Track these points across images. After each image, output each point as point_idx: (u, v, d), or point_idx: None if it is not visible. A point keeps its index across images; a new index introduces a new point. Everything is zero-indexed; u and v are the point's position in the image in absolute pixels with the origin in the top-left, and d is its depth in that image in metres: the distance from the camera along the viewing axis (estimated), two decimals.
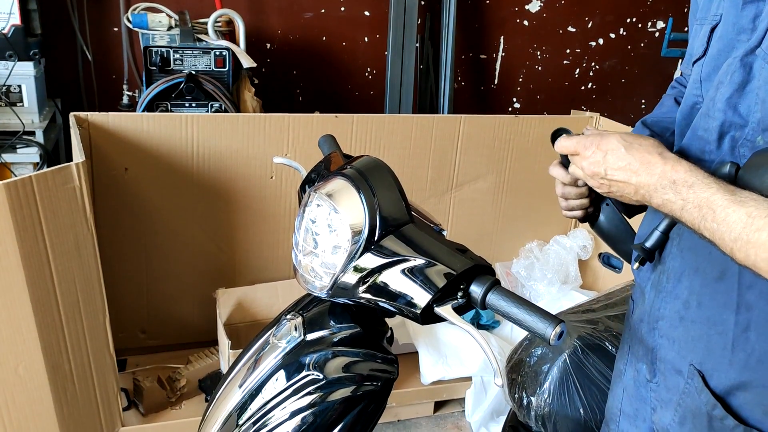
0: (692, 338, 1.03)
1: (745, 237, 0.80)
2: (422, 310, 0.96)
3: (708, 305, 0.99)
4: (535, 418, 1.42)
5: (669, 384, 1.08)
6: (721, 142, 0.97)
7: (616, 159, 0.95)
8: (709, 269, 0.99)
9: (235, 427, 1.13)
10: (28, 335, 1.71)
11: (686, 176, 0.88)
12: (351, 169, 1.05)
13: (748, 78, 0.92)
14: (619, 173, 0.95)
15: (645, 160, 0.93)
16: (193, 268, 2.45)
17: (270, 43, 3.33)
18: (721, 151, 0.98)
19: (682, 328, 1.05)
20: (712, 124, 0.98)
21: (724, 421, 0.96)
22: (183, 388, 2.23)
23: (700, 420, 1.00)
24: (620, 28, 3.90)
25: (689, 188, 0.87)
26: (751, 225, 0.79)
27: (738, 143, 0.94)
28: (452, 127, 2.62)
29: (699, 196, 0.86)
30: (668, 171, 0.90)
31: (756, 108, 0.91)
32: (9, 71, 2.55)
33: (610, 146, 0.97)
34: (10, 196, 1.58)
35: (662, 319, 1.10)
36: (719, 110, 0.96)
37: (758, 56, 0.91)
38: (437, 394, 2.44)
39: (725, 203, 0.83)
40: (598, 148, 0.98)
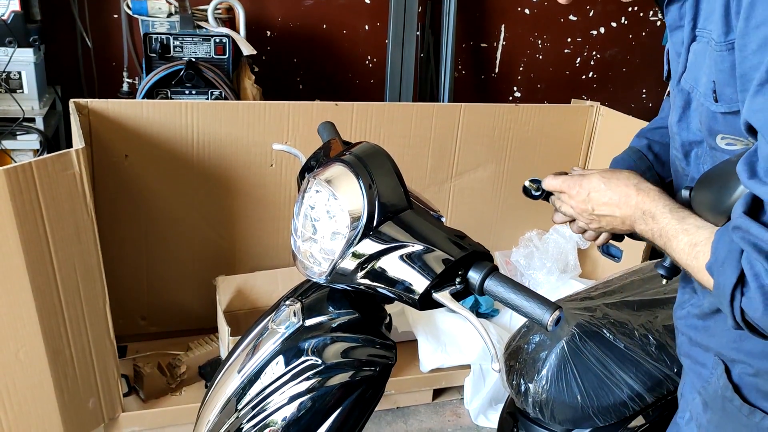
0: (712, 334, 1.07)
1: (689, 264, 0.88)
2: (420, 295, 0.97)
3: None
4: (533, 405, 1.43)
5: (694, 377, 1.12)
6: (687, 159, 1.05)
7: (599, 196, 1.04)
8: None
9: (233, 412, 1.14)
10: (29, 320, 1.72)
11: (650, 207, 0.97)
12: (350, 155, 1.05)
13: (689, 100, 0.99)
14: (604, 208, 1.04)
15: (623, 194, 1.01)
16: (193, 255, 2.46)
17: (270, 31, 3.32)
18: (690, 166, 1.05)
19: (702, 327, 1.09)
20: (677, 143, 1.06)
21: (733, 401, 1.02)
22: (183, 375, 2.24)
23: (717, 403, 1.05)
24: (622, 17, 3.89)
25: (653, 219, 0.96)
26: (692, 252, 0.88)
27: (701, 159, 1.01)
28: (452, 115, 2.62)
29: (659, 226, 0.95)
30: (640, 202, 0.99)
31: (701, 127, 0.97)
32: (9, 58, 2.54)
33: (592, 186, 1.05)
34: (10, 182, 1.58)
35: (682, 318, 1.15)
36: (675, 132, 1.04)
37: (684, 82, 0.98)
38: (436, 382, 2.45)
39: (675, 232, 0.92)
40: (581, 187, 1.07)
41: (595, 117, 2.87)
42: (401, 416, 2.42)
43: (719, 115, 0.90)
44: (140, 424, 2.14)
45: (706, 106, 0.92)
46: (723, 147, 0.93)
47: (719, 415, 1.05)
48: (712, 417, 1.07)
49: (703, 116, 0.94)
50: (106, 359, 1.96)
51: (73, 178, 1.73)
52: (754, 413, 0.99)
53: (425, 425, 2.39)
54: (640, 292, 1.58)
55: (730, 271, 0.80)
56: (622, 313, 1.49)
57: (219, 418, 1.16)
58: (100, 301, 1.89)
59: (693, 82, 0.95)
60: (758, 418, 0.99)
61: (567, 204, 1.12)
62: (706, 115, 0.93)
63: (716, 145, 0.93)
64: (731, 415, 1.02)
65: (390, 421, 2.38)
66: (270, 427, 1.10)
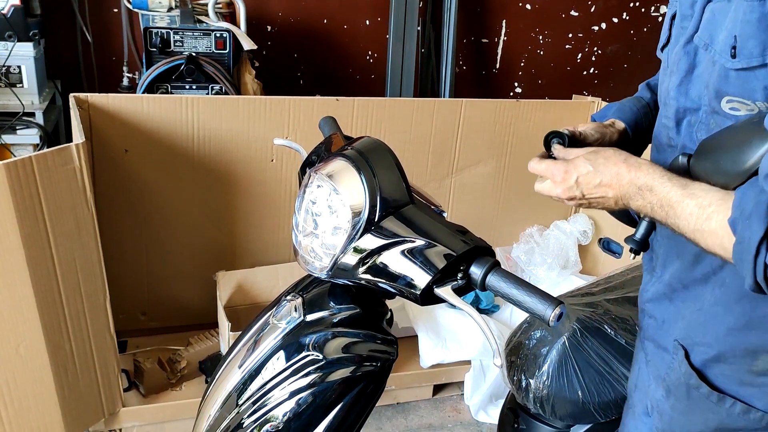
0: (677, 318, 1.08)
1: (699, 227, 0.85)
2: (422, 291, 0.97)
3: (692, 287, 1.05)
4: (534, 400, 1.43)
5: (657, 362, 1.13)
6: (679, 127, 1.03)
7: (589, 179, 1.00)
8: (686, 254, 1.04)
9: (234, 407, 1.14)
10: (29, 315, 1.72)
11: (646, 180, 0.93)
12: (352, 150, 1.05)
13: (694, 64, 0.98)
14: (595, 191, 1.00)
15: (614, 172, 0.97)
16: (194, 251, 2.45)
17: (271, 26, 3.31)
18: (680, 136, 1.03)
19: (672, 309, 1.10)
20: (669, 112, 1.04)
21: (700, 389, 1.02)
22: (183, 370, 2.24)
23: (680, 390, 1.05)
24: (623, 13, 3.88)
25: (650, 192, 0.92)
26: (702, 215, 0.85)
27: (694, 127, 0.99)
28: (453, 111, 2.61)
29: (659, 196, 0.91)
30: (634, 179, 0.95)
31: (704, 91, 0.95)
32: (9, 52, 2.53)
33: (578, 170, 1.01)
34: (10, 176, 1.58)
35: (649, 301, 1.15)
36: (672, 98, 1.02)
37: (695, 43, 0.96)
38: (436, 378, 2.45)
39: (679, 198, 0.88)
40: (566, 173, 1.02)
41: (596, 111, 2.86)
42: (401, 412, 2.42)
43: (733, 74, 0.89)
44: (140, 419, 2.14)
45: (720, 63, 0.91)
46: (726, 111, 0.92)
47: (684, 402, 1.05)
48: (676, 404, 1.07)
49: (712, 77, 0.93)
50: (106, 354, 1.96)
51: (74, 172, 1.72)
52: (724, 399, 0.99)
53: (425, 421, 2.39)
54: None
55: (757, 225, 0.78)
56: (623, 309, 1.49)
57: (220, 413, 1.16)
58: (100, 296, 1.89)
59: (708, 40, 0.93)
60: (728, 404, 0.99)
61: (553, 190, 1.06)
62: (717, 75, 0.92)
63: (720, 109, 0.93)
64: (698, 402, 1.03)
65: (390, 417, 2.38)
66: (271, 422, 1.10)
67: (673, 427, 1.09)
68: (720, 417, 1.00)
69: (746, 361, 0.97)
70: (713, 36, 0.92)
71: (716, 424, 1.01)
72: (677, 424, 1.08)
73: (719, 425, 1.01)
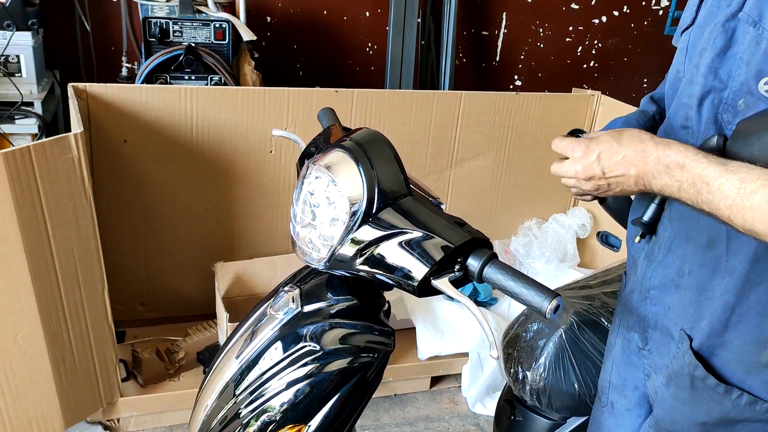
0: (684, 304, 1.06)
1: (740, 202, 0.82)
2: (419, 282, 0.97)
3: (698, 272, 1.03)
4: (531, 392, 1.43)
5: (662, 350, 1.12)
6: (701, 108, 0.99)
7: (612, 155, 0.96)
8: (699, 237, 1.02)
9: (231, 398, 1.14)
10: (27, 304, 1.72)
11: (677, 157, 0.89)
12: (350, 141, 1.04)
13: (730, 43, 0.94)
14: (617, 168, 0.96)
15: (639, 149, 0.94)
16: (192, 242, 2.46)
17: (270, 17, 3.30)
18: (701, 117, 1.00)
19: (677, 295, 1.08)
20: (694, 90, 1.00)
21: (706, 380, 1.01)
22: (181, 360, 2.24)
23: (683, 380, 1.05)
24: (624, 6, 3.87)
25: (681, 169, 0.89)
26: (744, 189, 0.81)
27: (719, 109, 0.96)
28: (453, 103, 2.61)
29: (692, 173, 0.87)
30: (661, 156, 0.91)
31: (739, 71, 0.93)
32: (7, 41, 2.52)
33: (601, 146, 0.98)
34: (9, 165, 1.57)
35: (654, 288, 1.13)
36: (702, 75, 0.98)
37: (741, 20, 0.93)
38: (434, 370, 2.46)
39: (717, 174, 0.85)
40: (587, 149, 0.99)
41: (596, 106, 2.86)
42: (399, 403, 2.42)
43: None
44: (138, 409, 2.14)
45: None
46: (761, 93, 0.89)
47: (687, 392, 1.05)
48: (678, 393, 1.07)
49: (755, 56, 0.90)
50: (104, 344, 1.96)
51: (72, 162, 1.72)
52: (730, 391, 0.99)
53: (422, 412, 2.39)
54: None
55: None
56: None
57: (217, 403, 1.16)
58: (98, 285, 1.89)
59: (756, 17, 0.91)
60: (734, 395, 0.99)
61: (572, 167, 1.02)
62: (762, 53, 0.89)
63: (755, 89, 0.90)
64: (702, 392, 1.02)
65: (387, 408, 2.39)
66: (268, 412, 1.10)
67: (673, 416, 1.09)
68: (725, 408, 1.00)
69: (755, 351, 0.97)
70: (763, 13, 0.90)
71: (721, 414, 1.01)
72: (678, 413, 1.07)
73: (724, 416, 1.01)
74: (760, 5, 0.90)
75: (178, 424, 2.20)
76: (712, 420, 1.02)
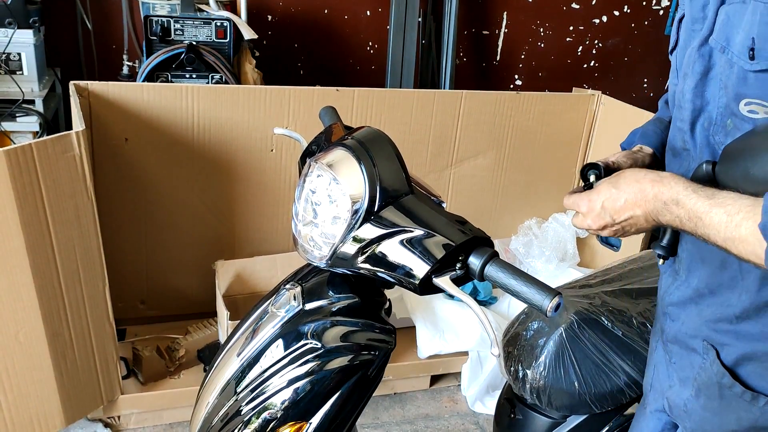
0: (705, 320, 1.08)
1: (729, 236, 0.85)
2: (421, 280, 0.97)
3: (719, 291, 1.05)
4: (530, 391, 1.43)
5: (684, 363, 1.14)
6: (693, 131, 1.03)
7: (613, 202, 1.00)
8: (712, 258, 1.05)
9: (232, 395, 1.15)
10: (29, 302, 1.72)
11: (671, 194, 0.93)
12: (352, 139, 1.05)
13: (709, 66, 0.97)
14: (623, 212, 0.99)
15: (638, 190, 0.97)
16: (193, 240, 2.46)
17: (271, 15, 3.30)
18: (695, 140, 1.03)
19: (695, 311, 1.10)
20: (684, 115, 1.03)
21: (733, 388, 1.02)
22: (182, 358, 2.25)
23: (712, 390, 1.06)
24: (624, 6, 3.87)
25: (677, 205, 0.92)
26: (731, 222, 0.85)
27: (710, 131, 0.99)
28: (453, 102, 2.61)
29: (687, 209, 0.91)
30: (658, 194, 0.95)
31: (721, 94, 0.95)
32: (9, 39, 2.53)
33: (602, 195, 1.02)
34: (11, 163, 1.58)
35: (673, 304, 1.15)
36: (688, 100, 1.01)
37: (711, 45, 0.96)
38: (433, 368, 2.46)
39: (706, 208, 0.88)
40: (590, 202, 1.03)
41: (597, 106, 2.86)
42: (398, 402, 2.43)
43: (751, 75, 0.89)
44: (139, 407, 2.15)
45: (738, 66, 0.91)
46: (744, 114, 0.91)
47: (716, 402, 1.06)
48: (708, 404, 1.08)
49: (730, 79, 0.93)
50: (105, 342, 1.97)
51: (74, 160, 1.72)
52: (758, 398, 1.00)
53: (422, 411, 2.40)
54: (638, 280, 1.59)
55: None
56: (620, 301, 1.50)
57: (218, 400, 1.17)
58: (99, 283, 1.89)
59: (724, 43, 0.93)
60: (762, 403, 1.00)
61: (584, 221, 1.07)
62: (735, 77, 0.92)
63: (737, 111, 0.92)
64: (730, 401, 1.03)
65: (387, 407, 2.39)
66: (269, 409, 1.10)
67: (704, 427, 1.10)
68: (754, 415, 1.01)
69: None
70: (729, 38, 0.92)
71: (750, 422, 1.02)
72: (709, 423, 1.09)
73: (753, 424, 1.02)
74: (725, 30, 0.93)
75: (179, 422, 2.21)
76: (742, 428, 1.04)
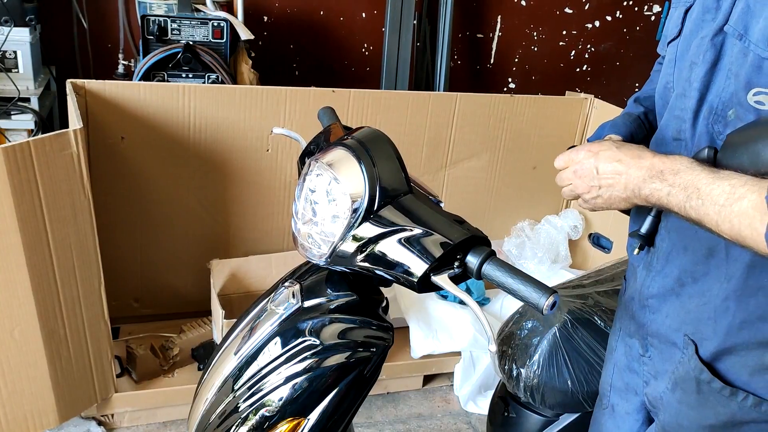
0: (686, 311, 1.08)
1: (728, 206, 0.85)
2: (419, 278, 0.98)
3: (702, 280, 1.05)
4: (524, 389, 1.45)
5: (664, 356, 1.14)
6: (696, 120, 1.03)
7: (608, 156, 1.00)
8: (698, 247, 1.04)
9: (230, 392, 1.15)
10: (24, 299, 1.72)
11: (672, 165, 0.93)
12: (352, 139, 1.06)
13: (719, 56, 0.98)
14: (610, 167, 1.00)
15: (635, 155, 0.98)
16: (188, 239, 2.46)
17: (267, 16, 3.31)
18: (696, 129, 1.03)
19: (677, 303, 1.10)
20: (688, 104, 1.03)
21: (711, 384, 1.03)
22: (176, 357, 2.25)
23: (689, 384, 1.07)
24: (617, 11, 3.90)
25: (675, 174, 0.92)
26: (734, 194, 0.84)
27: (710, 120, 0.99)
28: (448, 104, 2.63)
29: (684, 179, 0.91)
30: (656, 163, 0.95)
31: (728, 83, 0.96)
32: (5, 37, 2.53)
33: (602, 147, 1.02)
34: (8, 160, 1.58)
35: (653, 297, 1.15)
36: (695, 89, 1.01)
37: (727, 33, 0.96)
38: (426, 368, 2.48)
39: (708, 180, 0.88)
40: (589, 150, 1.03)
41: (589, 109, 2.89)
42: (391, 401, 2.44)
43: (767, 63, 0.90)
44: (132, 405, 2.15)
45: (755, 54, 0.91)
46: (750, 104, 0.92)
47: (693, 396, 1.07)
48: (684, 397, 1.09)
49: (742, 68, 0.93)
50: (99, 340, 1.97)
51: (71, 158, 1.73)
52: (736, 393, 1.01)
53: (415, 410, 2.41)
54: None
55: None
56: (613, 301, 1.52)
57: (216, 398, 1.17)
58: (95, 281, 1.90)
59: (742, 30, 0.94)
60: (740, 398, 1.01)
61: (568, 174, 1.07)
62: (749, 65, 0.92)
63: (744, 101, 0.93)
64: (708, 396, 1.04)
65: (380, 406, 2.41)
66: (266, 406, 1.11)
67: (680, 421, 1.11)
68: (732, 410, 1.02)
69: (758, 354, 0.99)
70: (748, 26, 0.93)
71: (727, 417, 1.03)
72: (685, 417, 1.10)
73: (730, 418, 1.03)
74: (745, 18, 0.94)
75: (172, 420, 2.21)
76: (719, 423, 1.05)
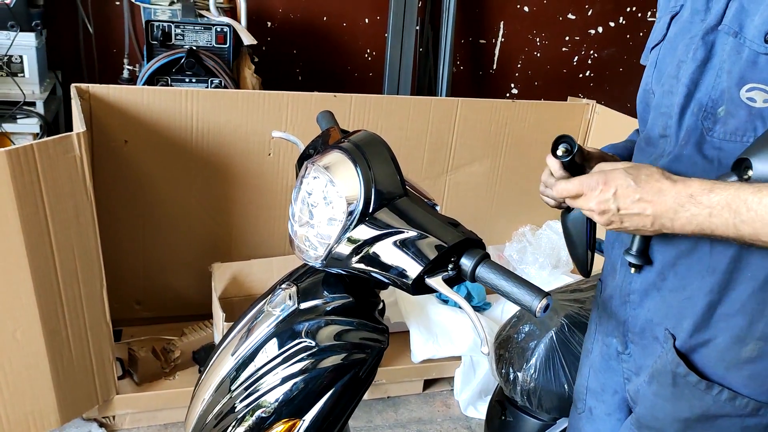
0: (667, 305, 1.09)
1: None
2: (413, 280, 0.99)
3: (684, 274, 1.05)
4: (521, 393, 1.46)
5: (646, 352, 1.14)
6: (682, 117, 1.03)
7: (628, 193, 0.94)
8: (680, 241, 1.04)
9: (227, 393, 1.16)
10: (27, 300, 1.74)
11: (701, 186, 0.89)
12: (348, 142, 1.07)
13: (710, 54, 0.99)
14: (633, 207, 0.94)
15: (656, 189, 0.92)
16: (190, 242, 2.48)
17: (271, 22, 3.34)
18: (682, 125, 1.03)
19: (659, 297, 1.10)
20: (674, 100, 1.04)
21: (687, 377, 1.04)
22: (177, 359, 2.26)
23: (665, 377, 1.08)
24: (620, 17, 3.92)
25: (709, 193, 0.88)
26: None
27: (699, 116, 1.00)
28: (450, 110, 2.64)
29: (722, 195, 0.87)
30: (681, 189, 0.90)
31: (720, 80, 0.97)
32: (11, 41, 2.55)
33: (618, 182, 0.95)
34: (12, 163, 1.60)
35: (634, 292, 1.15)
36: (683, 85, 1.02)
37: (721, 32, 0.98)
38: (427, 373, 2.48)
39: (753, 190, 0.85)
40: (605, 185, 0.96)
41: (591, 115, 2.90)
42: (392, 406, 2.44)
43: (763, 59, 0.91)
44: (134, 407, 2.16)
45: (750, 50, 0.92)
46: (742, 100, 0.93)
47: (669, 389, 1.07)
48: (660, 390, 1.09)
49: (735, 65, 0.94)
50: (101, 341, 1.98)
51: (74, 161, 1.74)
52: (711, 387, 1.02)
53: (415, 415, 2.42)
54: None
55: None
56: None
57: (213, 398, 1.19)
58: (97, 283, 1.91)
59: (737, 28, 0.95)
60: (715, 392, 1.02)
61: (586, 203, 0.99)
62: (744, 61, 0.93)
63: (736, 97, 0.94)
64: (683, 390, 1.05)
65: (380, 411, 2.41)
66: (262, 407, 1.12)
67: (655, 413, 1.11)
68: (706, 404, 1.03)
69: (735, 348, 1.00)
70: (743, 24, 0.94)
71: (702, 410, 1.04)
72: (660, 410, 1.10)
73: (705, 412, 1.04)
74: (739, 17, 0.96)
75: (173, 423, 2.22)
76: (694, 416, 1.05)
